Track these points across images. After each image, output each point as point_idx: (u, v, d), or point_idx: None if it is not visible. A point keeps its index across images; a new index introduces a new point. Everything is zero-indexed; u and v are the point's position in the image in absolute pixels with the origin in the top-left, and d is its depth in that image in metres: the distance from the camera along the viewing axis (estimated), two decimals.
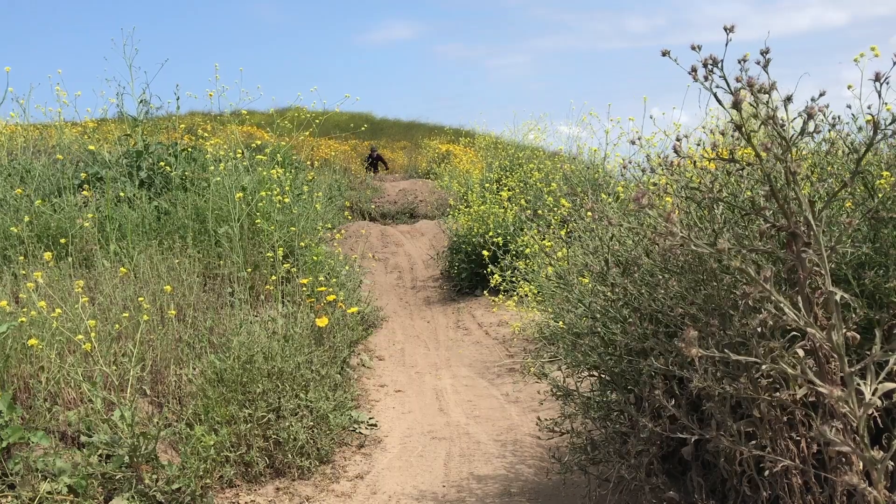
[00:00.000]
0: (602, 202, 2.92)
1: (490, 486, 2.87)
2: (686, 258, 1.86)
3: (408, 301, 7.78)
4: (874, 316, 1.64)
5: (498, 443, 3.40)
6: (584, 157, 7.23)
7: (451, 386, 4.53)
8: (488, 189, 8.31)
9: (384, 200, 13.02)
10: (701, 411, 1.93)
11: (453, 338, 5.99)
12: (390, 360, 5.28)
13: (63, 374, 2.96)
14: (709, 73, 1.42)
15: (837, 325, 1.46)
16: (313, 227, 5.87)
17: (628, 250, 2.18)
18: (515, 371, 4.65)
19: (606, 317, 2.24)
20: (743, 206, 1.77)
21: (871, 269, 1.75)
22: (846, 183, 1.50)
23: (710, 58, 1.40)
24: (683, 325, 1.91)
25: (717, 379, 1.68)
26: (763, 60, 1.41)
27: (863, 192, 1.82)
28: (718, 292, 1.79)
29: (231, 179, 5.27)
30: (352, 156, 16.14)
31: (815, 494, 1.72)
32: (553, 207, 5.37)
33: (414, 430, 3.69)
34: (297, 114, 7.40)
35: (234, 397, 3.04)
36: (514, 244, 6.24)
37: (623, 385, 2.30)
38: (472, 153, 12.88)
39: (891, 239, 1.77)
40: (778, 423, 1.71)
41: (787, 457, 1.68)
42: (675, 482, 2.12)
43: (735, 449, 1.70)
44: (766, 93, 1.42)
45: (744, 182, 1.87)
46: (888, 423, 1.70)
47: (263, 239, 5.06)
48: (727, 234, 1.79)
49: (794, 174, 1.47)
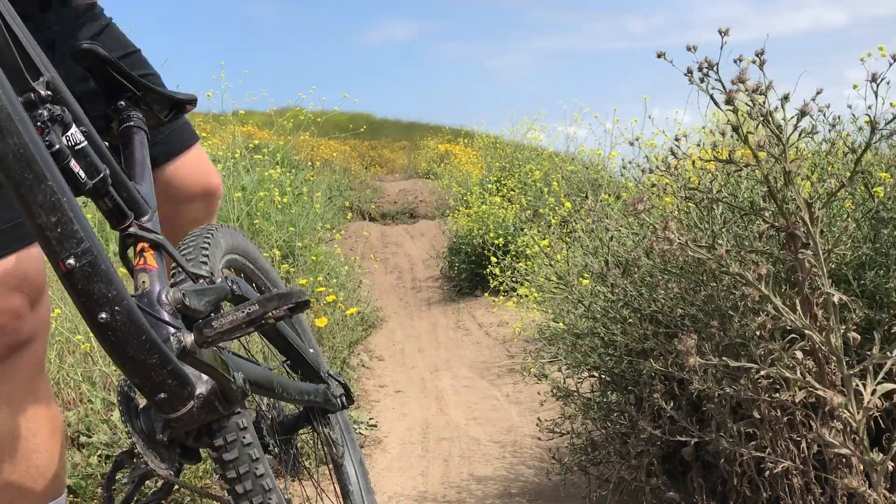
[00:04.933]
0: (602, 202, 2.92)
1: (490, 487, 2.87)
2: (685, 258, 1.86)
3: (408, 301, 7.77)
4: (874, 316, 1.64)
5: (498, 443, 3.40)
6: (583, 158, 7.24)
7: (451, 386, 4.53)
8: (488, 190, 8.31)
9: (384, 200, 13.02)
10: (701, 412, 1.93)
11: (453, 338, 5.99)
12: (390, 361, 5.28)
13: (62, 374, 2.96)
14: (704, 75, 1.42)
15: (835, 327, 1.45)
16: (313, 228, 5.87)
17: (628, 251, 2.18)
18: (516, 372, 4.65)
19: (606, 317, 2.24)
20: (742, 207, 1.77)
21: (872, 270, 1.74)
22: (844, 183, 1.50)
23: (705, 60, 1.40)
24: (683, 325, 1.90)
25: (717, 380, 1.68)
26: (759, 61, 1.40)
27: (863, 193, 1.82)
28: (718, 293, 1.79)
29: (230, 179, 5.27)
30: (352, 156, 16.14)
31: (815, 495, 1.72)
32: (553, 207, 5.37)
33: (414, 430, 3.69)
34: (296, 114, 7.40)
35: None
36: (514, 245, 6.23)
37: (623, 386, 2.30)
38: (472, 153, 12.88)
39: (891, 239, 1.77)
40: (778, 424, 1.71)
41: (788, 458, 1.68)
42: (676, 483, 2.12)
43: (735, 450, 1.70)
44: (762, 93, 1.42)
45: (743, 182, 1.87)
46: (889, 425, 1.70)
47: (262, 239, 5.06)
48: (727, 235, 1.79)
49: (789, 174, 1.47)
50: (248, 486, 0.87)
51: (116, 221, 0.96)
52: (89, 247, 0.73)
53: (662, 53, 1.47)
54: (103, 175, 0.90)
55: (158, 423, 0.84)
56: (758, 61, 1.42)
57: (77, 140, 0.87)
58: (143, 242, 0.96)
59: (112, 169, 0.93)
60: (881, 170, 1.94)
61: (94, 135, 0.94)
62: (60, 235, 0.71)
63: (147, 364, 0.77)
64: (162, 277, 0.91)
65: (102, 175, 0.90)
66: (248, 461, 0.88)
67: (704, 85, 1.45)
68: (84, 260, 0.72)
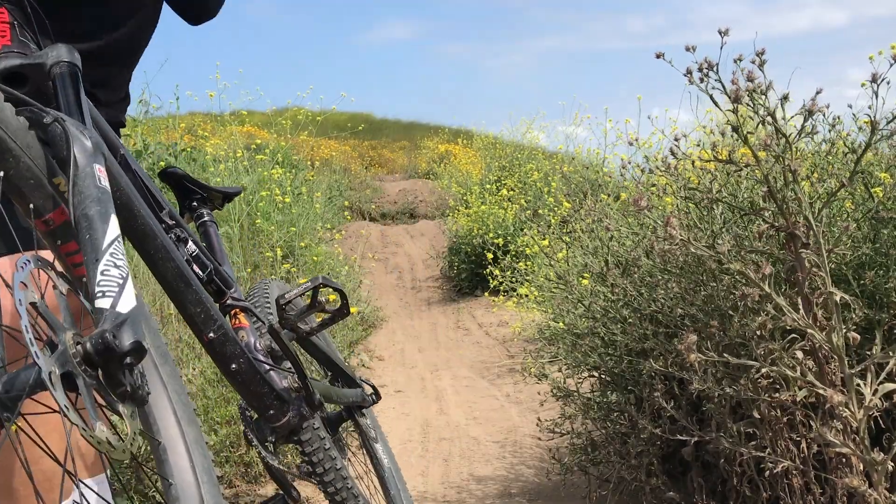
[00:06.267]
0: (602, 202, 2.92)
1: (490, 487, 2.87)
2: (685, 258, 1.86)
3: (408, 301, 7.77)
4: (874, 316, 1.64)
5: (498, 443, 3.40)
6: (582, 158, 7.23)
7: (451, 386, 4.53)
8: (488, 190, 8.31)
9: (384, 200, 13.01)
10: (701, 412, 1.93)
11: (453, 338, 5.99)
12: (390, 361, 5.28)
13: None
14: (704, 75, 1.42)
15: (837, 326, 1.45)
16: (313, 228, 5.87)
17: (628, 251, 2.18)
18: (516, 371, 4.65)
19: (606, 317, 2.24)
20: (742, 207, 1.77)
21: (872, 270, 1.74)
22: (844, 183, 1.50)
23: (705, 60, 1.40)
24: (683, 325, 1.90)
25: (717, 380, 1.68)
26: (759, 61, 1.40)
27: (863, 193, 1.82)
28: (718, 293, 1.79)
29: (231, 180, 5.27)
30: (352, 156, 16.14)
31: (815, 495, 1.72)
32: (553, 207, 5.37)
33: (414, 430, 3.69)
34: (295, 114, 7.40)
35: (234, 397, 3.04)
36: (513, 245, 6.23)
37: (623, 386, 2.30)
38: (471, 153, 12.88)
39: (891, 239, 1.77)
40: (778, 424, 1.71)
41: (788, 458, 1.68)
42: (676, 483, 2.12)
43: (735, 450, 1.70)
44: (762, 93, 1.42)
45: (743, 182, 1.87)
46: (889, 424, 1.70)
47: (263, 239, 5.06)
48: (727, 235, 1.79)
49: (794, 172, 1.47)
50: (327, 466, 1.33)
51: (218, 297, 1.31)
52: (221, 323, 1.05)
53: (661, 54, 1.47)
54: (209, 270, 1.27)
55: (267, 430, 1.19)
56: (757, 61, 1.42)
57: (192, 250, 1.24)
58: (235, 308, 1.31)
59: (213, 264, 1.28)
60: (881, 170, 1.94)
61: (199, 242, 1.27)
62: (203, 319, 1.03)
63: (260, 393, 1.14)
64: (252, 332, 1.28)
65: (209, 270, 1.27)
66: (324, 451, 1.31)
67: (704, 85, 1.45)
68: (219, 333, 1.05)
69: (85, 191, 0.79)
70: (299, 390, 1.20)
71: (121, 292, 0.72)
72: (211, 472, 0.83)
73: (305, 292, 1.24)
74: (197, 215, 1.51)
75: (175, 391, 0.88)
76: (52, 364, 0.63)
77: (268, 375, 1.16)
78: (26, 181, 0.79)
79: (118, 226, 0.79)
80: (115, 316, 0.69)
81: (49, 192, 0.81)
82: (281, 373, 1.22)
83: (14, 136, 0.77)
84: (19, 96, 0.83)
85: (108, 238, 0.76)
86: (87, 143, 0.84)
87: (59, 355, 0.65)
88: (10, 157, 0.76)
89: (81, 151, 0.82)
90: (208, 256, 1.29)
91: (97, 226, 0.77)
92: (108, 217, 0.78)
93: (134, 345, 0.67)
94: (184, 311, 1.02)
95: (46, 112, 0.84)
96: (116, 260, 0.75)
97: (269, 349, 1.26)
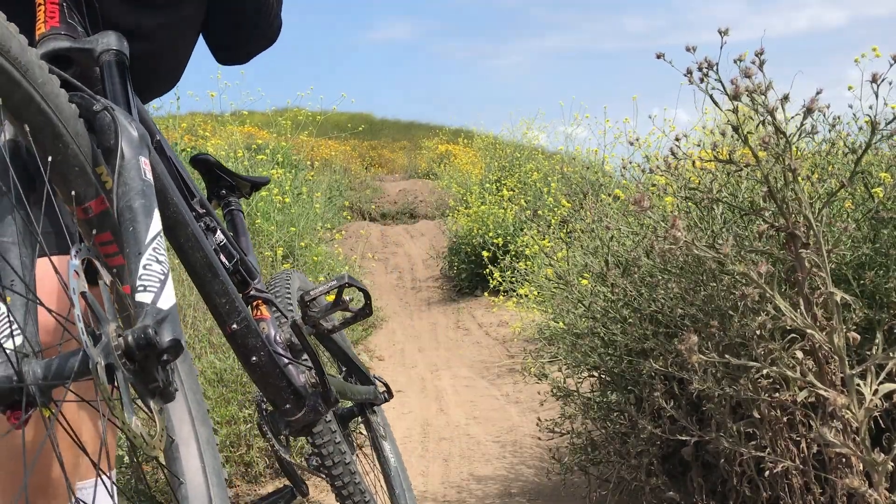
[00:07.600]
0: (602, 202, 2.92)
1: (490, 487, 2.87)
2: (685, 258, 1.86)
3: (408, 301, 7.77)
4: (874, 316, 1.63)
5: (498, 443, 3.40)
6: (582, 158, 7.23)
7: (451, 386, 4.53)
8: (488, 190, 8.31)
9: (384, 200, 13.01)
10: (701, 412, 1.92)
11: (453, 338, 5.99)
12: (390, 361, 5.28)
13: None
14: (704, 75, 1.42)
15: (838, 326, 1.45)
16: (313, 228, 5.87)
17: (628, 251, 2.18)
18: (516, 371, 4.65)
19: (606, 317, 2.24)
20: (742, 207, 1.77)
21: (872, 270, 1.74)
22: (844, 183, 1.50)
23: (705, 60, 1.40)
24: (683, 325, 1.90)
25: (716, 380, 1.68)
26: (758, 61, 1.40)
27: (863, 193, 1.82)
28: (718, 293, 1.79)
29: None
30: (352, 156, 16.13)
31: (815, 495, 1.72)
32: (553, 208, 5.37)
33: (414, 430, 3.69)
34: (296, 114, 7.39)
35: (234, 397, 3.04)
36: (513, 245, 6.23)
37: (623, 385, 2.30)
38: (471, 153, 12.87)
39: (891, 239, 1.77)
40: (778, 424, 1.71)
41: (788, 457, 1.68)
42: (676, 483, 2.12)
43: (735, 450, 1.70)
44: (762, 93, 1.42)
45: (743, 182, 1.87)
46: (889, 424, 1.70)
47: (263, 239, 5.06)
48: (727, 235, 1.79)
49: (794, 171, 1.47)
50: (336, 460, 1.35)
51: (242, 287, 1.30)
52: (245, 315, 1.06)
53: (661, 55, 1.47)
54: (235, 260, 1.27)
55: (282, 423, 1.21)
56: (757, 61, 1.42)
57: (220, 240, 1.24)
58: (258, 300, 1.31)
59: (239, 254, 1.29)
60: (881, 170, 1.94)
61: (227, 232, 1.27)
62: (228, 310, 1.03)
63: (278, 387, 1.14)
64: (273, 324, 1.28)
65: (235, 260, 1.27)
66: (334, 445, 1.34)
67: (704, 85, 1.45)
68: (242, 324, 1.05)
69: (130, 182, 0.79)
70: (316, 386, 1.21)
71: (162, 288, 0.72)
72: (220, 474, 0.83)
73: (331, 290, 1.23)
74: (225, 203, 1.53)
75: (191, 389, 0.87)
76: (98, 355, 0.63)
77: (287, 369, 1.16)
78: (72, 168, 0.78)
79: (160, 221, 0.79)
80: (157, 312, 0.69)
81: (91, 181, 0.80)
82: (299, 367, 1.22)
83: (66, 122, 0.75)
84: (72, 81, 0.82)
85: (152, 232, 0.76)
86: (134, 133, 0.83)
87: (104, 347, 0.65)
88: (61, 143, 0.75)
89: (128, 142, 0.82)
90: (235, 246, 1.29)
91: (140, 219, 0.76)
92: (152, 211, 0.78)
93: (173, 342, 0.67)
94: (209, 300, 1.02)
95: (97, 100, 0.83)
96: (158, 255, 0.75)
97: (289, 342, 1.26)
